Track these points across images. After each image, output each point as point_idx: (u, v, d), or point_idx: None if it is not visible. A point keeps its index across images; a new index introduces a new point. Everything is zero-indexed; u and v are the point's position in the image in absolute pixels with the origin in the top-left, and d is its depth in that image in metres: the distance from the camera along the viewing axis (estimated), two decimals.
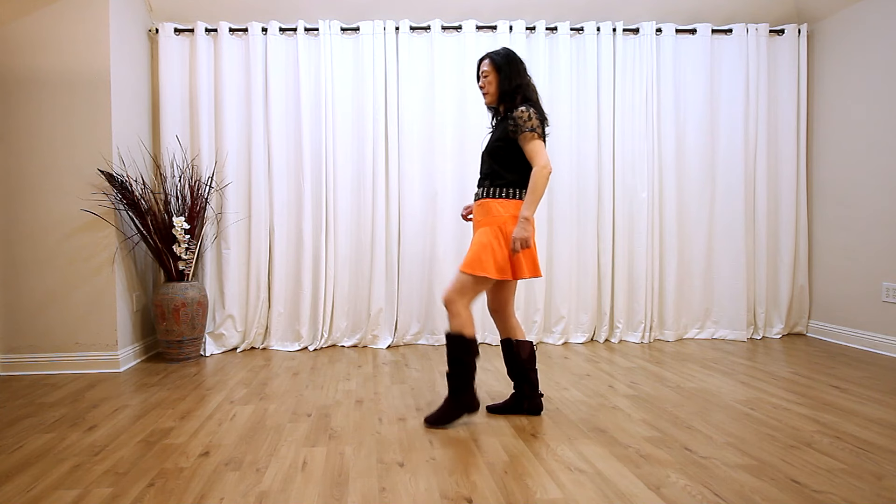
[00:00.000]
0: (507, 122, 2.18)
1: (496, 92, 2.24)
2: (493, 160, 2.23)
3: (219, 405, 2.48)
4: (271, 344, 3.64)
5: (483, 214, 2.22)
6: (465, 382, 2.17)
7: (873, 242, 3.42)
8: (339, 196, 3.65)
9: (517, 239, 2.09)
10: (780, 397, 2.51)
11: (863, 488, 1.64)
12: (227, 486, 1.69)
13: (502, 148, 2.19)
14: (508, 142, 2.18)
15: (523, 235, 2.09)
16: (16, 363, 3.08)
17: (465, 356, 2.15)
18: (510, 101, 2.22)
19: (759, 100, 3.77)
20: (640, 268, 3.72)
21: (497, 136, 2.23)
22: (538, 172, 2.10)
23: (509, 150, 2.18)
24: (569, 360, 3.25)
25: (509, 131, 2.16)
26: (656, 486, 1.66)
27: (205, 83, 3.57)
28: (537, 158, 2.12)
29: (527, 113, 2.12)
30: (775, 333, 3.86)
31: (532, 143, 2.13)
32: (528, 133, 2.11)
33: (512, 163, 2.19)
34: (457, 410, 2.19)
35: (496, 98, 2.26)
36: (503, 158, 2.20)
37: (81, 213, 3.10)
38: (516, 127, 2.13)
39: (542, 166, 2.11)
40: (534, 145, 2.12)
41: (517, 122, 2.12)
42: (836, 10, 3.65)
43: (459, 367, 2.16)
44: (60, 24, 3.07)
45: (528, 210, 2.11)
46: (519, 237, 2.09)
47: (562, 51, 3.70)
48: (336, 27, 3.62)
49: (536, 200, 2.11)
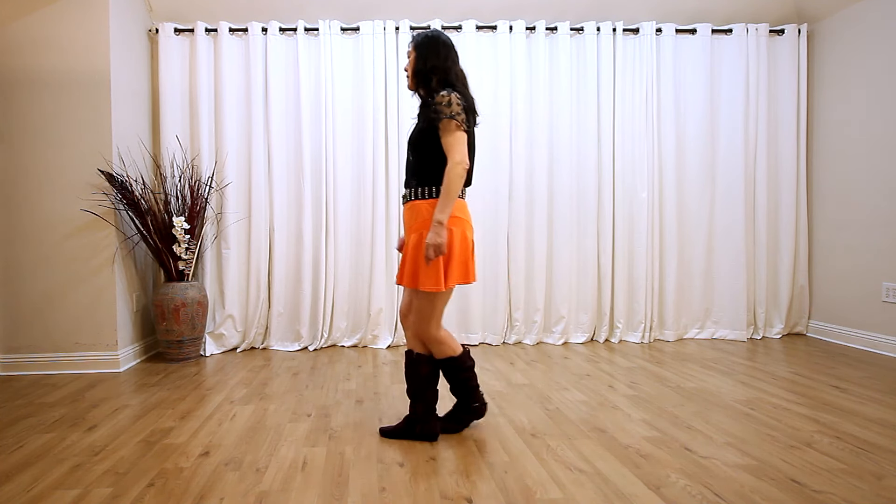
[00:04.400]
0: (428, 108, 1.92)
1: (411, 73, 2.02)
2: (417, 154, 1.97)
3: (219, 405, 2.48)
4: (271, 344, 3.64)
5: (413, 219, 1.97)
6: (471, 389, 2.10)
7: (873, 242, 3.42)
8: (339, 196, 3.65)
9: (430, 245, 1.85)
10: (780, 397, 2.51)
11: (863, 488, 1.64)
12: (227, 486, 1.69)
13: (427, 139, 1.94)
14: (433, 131, 1.92)
15: (437, 241, 1.85)
16: (16, 363, 3.08)
17: (463, 372, 2.06)
18: (426, 85, 1.98)
19: (759, 100, 3.77)
20: (640, 268, 3.72)
21: (420, 124, 1.98)
22: (452, 169, 1.85)
23: (435, 141, 1.92)
24: (569, 360, 3.25)
25: (431, 118, 1.90)
26: (656, 486, 1.66)
27: (205, 83, 3.57)
28: (453, 152, 1.86)
29: (447, 97, 1.87)
30: (775, 333, 3.86)
31: (451, 135, 1.87)
32: (447, 120, 1.86)
33: (439, 155, 1.92)
34: (468, 417, 2.12)
35: (412, 81, 2.03)
36: (429, 151, 1.94)
37: (81, 213, 3.10)
38: (437, 113, 1.88)
39: (456, 162, 1.86)
40: (453, 137, 1.87)
41: (437, 108, 1.88)
42: (836, 10, 3.65)
43: (463, 382, 2.07)
44: (60, 24, 3.07)
45: (442, 213, 1.85)
46: (432, 243, 1.85)
47: (562, 51, 3.70)
48: (336, 27, 3.62)
49: (450, 202, 1.86)
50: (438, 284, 1.89)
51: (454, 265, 1.91)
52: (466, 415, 2.11)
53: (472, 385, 2.09)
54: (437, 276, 1.89)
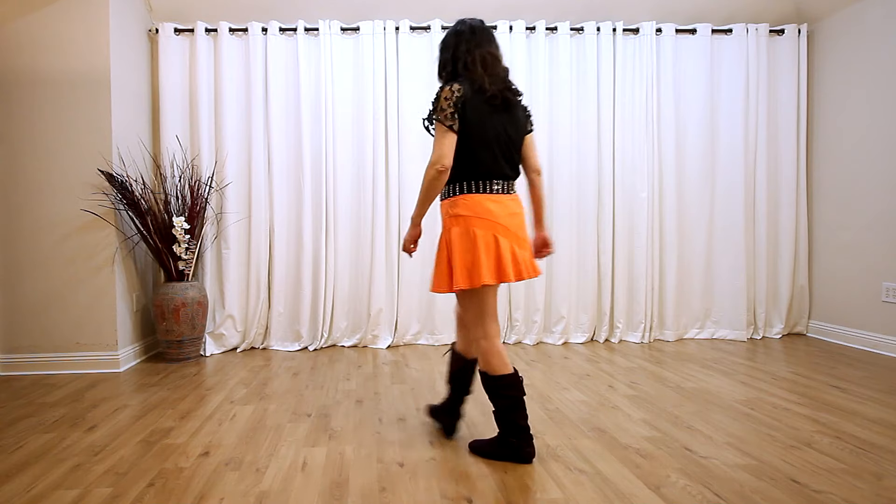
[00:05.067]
0: None
1: None
2: None
3: (219, 405, 2.48)
4: (271, 344, 3.64)
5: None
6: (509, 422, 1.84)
7: (873, 242, 3.42)
8: (339, 196, 3.65)
9: (404, 241, 1.93)
10: (780, 397, 2.51)
11: (863, 488, 1.64)
12: (227, 486, 1.69)
13: None
14: None
15: (405, 239, 1.92)
16: (16, 363, 3.08)
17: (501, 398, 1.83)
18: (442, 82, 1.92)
19: (759, 100, 3.77)
20: (640, 268, 3.72)
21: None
22: (426, 170, 1.79)
23: None
24: (569, 360, 3.25)
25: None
26: (656, 486, 1.66)
27: (205, 83, 3.57)
28: (432, 152, 1.79)
29: (437, 94, 1.81)
30: (775, 333, 3.86)
31: (436, 133, 1.79)
32: (436, 121, 1.80)
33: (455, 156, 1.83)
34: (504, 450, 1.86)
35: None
36: None
37: (81, 213, 3.10)
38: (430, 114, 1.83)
39: (430, 163, 1.77)
40: (435, 137, 1.79)
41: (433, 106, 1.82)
42: (836, 10, 3.65)
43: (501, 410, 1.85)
44: (60, 24, 3.07)
45: (416, 211, 1.86)
46: (404, 240, 1.93)
47: (562, 51, 3.70)
48: (336, 27, 3.62)
49: (423, 201, 1.82)
50: (440, 286, 1.84)
51: (458, 266, 1.80)
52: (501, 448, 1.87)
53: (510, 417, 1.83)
54: (439, 278, 1.85)
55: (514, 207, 1.87)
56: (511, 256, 1.81)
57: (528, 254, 1.88)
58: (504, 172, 1.86)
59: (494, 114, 1.83)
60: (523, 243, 1.87)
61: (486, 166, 1.83)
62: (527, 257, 1.87)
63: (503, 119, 1.85)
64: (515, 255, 1.82)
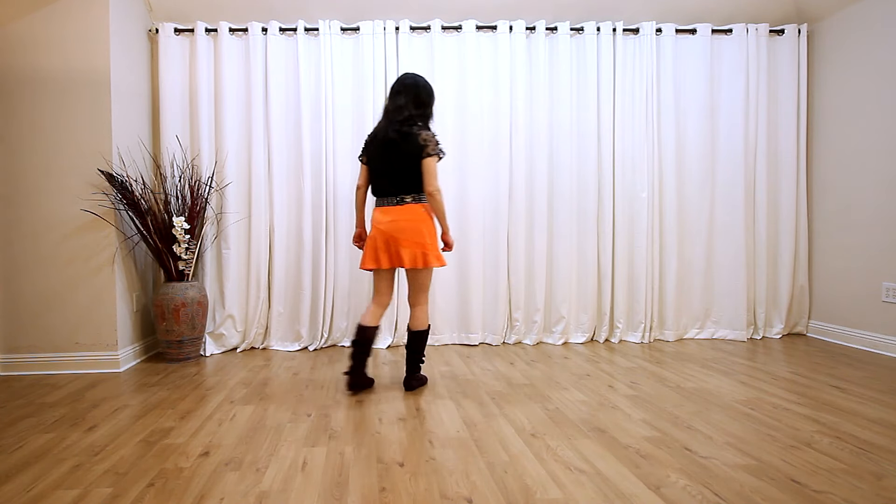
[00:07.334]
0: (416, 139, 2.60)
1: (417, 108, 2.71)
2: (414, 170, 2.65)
3: (219, 405, 2.48)
4: (271, 344, 3.64)
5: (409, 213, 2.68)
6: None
7: (873, 242, 3.42)
8: (339, 196, 3.65)
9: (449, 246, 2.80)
10: (780, 397, 2.51)
11: (863, 488, 1.64)
12: (227, 486, 1.69)
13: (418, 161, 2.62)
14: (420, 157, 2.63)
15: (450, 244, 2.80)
16: (16, 363, 3.08)
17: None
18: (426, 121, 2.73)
19: (759, 100, 3.77)
20: (640, 268, 3.72)
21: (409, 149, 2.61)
22: (436, 195, 2.60)
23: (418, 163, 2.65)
24: (569, 360, 3.25)
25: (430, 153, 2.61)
26: (656, 486, 1.66)
27: (205, 83, 3.57)
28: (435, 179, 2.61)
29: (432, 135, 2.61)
30: (775, 333, 3.86)
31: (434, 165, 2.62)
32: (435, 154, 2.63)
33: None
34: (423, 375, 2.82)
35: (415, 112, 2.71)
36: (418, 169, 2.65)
37: (81, 213, 3.10)
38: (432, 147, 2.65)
39: (437, 189, 2.59)
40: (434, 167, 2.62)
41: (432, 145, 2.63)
42: (836, 10, 3.65)
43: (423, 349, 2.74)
44: (60, 24, 3.07)
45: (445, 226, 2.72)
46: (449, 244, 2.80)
47: (562, 51, 3.70)
48: (336, 27, 3.62)
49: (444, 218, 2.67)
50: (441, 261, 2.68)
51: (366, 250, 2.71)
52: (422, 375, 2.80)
53: (423, 353, 2.77)
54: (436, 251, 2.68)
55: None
56: None
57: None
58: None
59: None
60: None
61: (376, 187, 2.74)
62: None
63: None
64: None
